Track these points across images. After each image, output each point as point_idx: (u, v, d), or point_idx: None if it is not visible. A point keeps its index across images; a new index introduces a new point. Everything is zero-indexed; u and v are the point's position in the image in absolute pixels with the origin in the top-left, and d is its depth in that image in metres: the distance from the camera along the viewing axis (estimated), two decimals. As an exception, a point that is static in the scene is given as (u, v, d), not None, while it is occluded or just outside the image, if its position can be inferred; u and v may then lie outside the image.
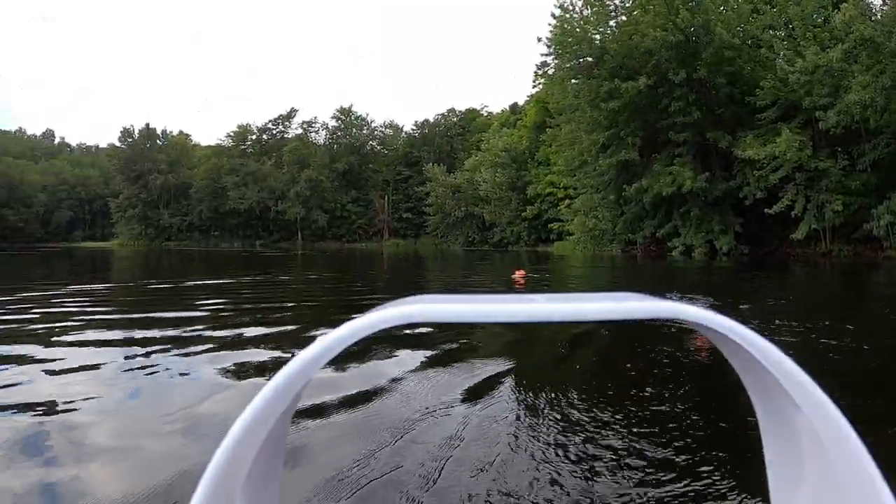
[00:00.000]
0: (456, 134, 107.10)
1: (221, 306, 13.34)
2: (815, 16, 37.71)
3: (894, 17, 32.04)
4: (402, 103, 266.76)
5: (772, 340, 0.58)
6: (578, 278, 25.24)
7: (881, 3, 34.94)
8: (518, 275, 20.88)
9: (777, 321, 9.89)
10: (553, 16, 46.97)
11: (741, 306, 12.19)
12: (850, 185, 35.50)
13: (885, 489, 0.54)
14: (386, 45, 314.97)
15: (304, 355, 0.57)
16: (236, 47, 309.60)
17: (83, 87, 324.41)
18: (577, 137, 49.08)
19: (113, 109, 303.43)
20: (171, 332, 9.27)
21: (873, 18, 33.50)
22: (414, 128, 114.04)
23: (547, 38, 47.93)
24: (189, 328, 9.63)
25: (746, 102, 39.91)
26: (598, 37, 45.35)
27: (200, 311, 12.44)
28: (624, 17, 45.13)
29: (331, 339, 0.57)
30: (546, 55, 50.20)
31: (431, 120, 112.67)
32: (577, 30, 45.78)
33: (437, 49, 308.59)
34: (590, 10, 45.91)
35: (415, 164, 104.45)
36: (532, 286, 18.54)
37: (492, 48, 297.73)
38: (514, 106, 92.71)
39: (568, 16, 46.37)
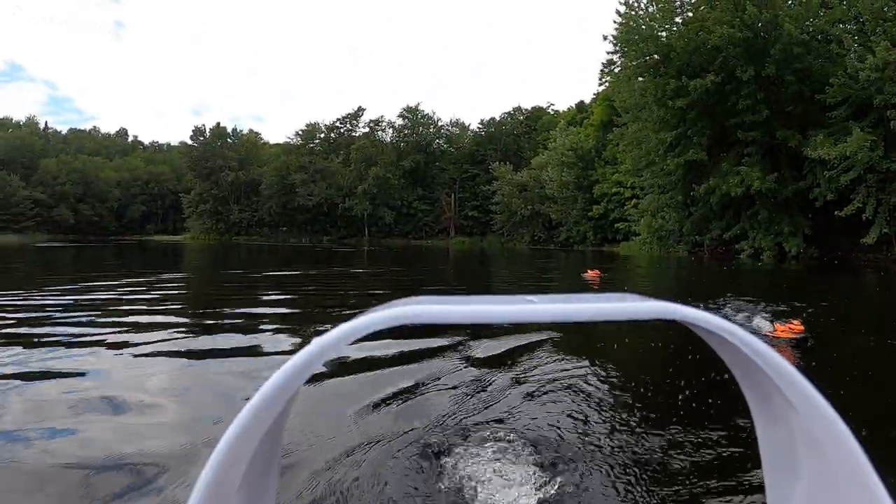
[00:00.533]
0: (522, 132, 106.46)
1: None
2: (885, 9, 36.43)
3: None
4: (468, 101, 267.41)
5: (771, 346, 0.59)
6: (644, 278, 25.31)
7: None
8: (591, 274, 20.95)
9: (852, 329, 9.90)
10: (618, 13, 46.88)
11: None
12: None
13: (879, 487, 0.54)
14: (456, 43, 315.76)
15: (299, 357, 0.56)
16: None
17: (155, 88, 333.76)
18: (645, 136, 48.82)
19: (181, 109, 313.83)
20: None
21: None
22: (480, 126, 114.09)
23: (612, 36, 47.82)
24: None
25: (816, 100, 38.88)
26: (663, 34, 45.05)
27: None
28: (690, 14, 44.75)
29: (325, 341, 0.56)
30: (612, 53, 49.95)
31: (498, 118, 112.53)
32: (643, 27, 45.50)
33: (508, 46, 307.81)
34: (655, 7, 45.67)
35: (481, 162, 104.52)
36: (602, 286, 18.67)
37: (560, 45, 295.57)
38: (580, 104, 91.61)
39: (633, 13, 46.19)
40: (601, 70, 53.95)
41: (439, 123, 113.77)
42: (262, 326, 9.15)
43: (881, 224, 36.02)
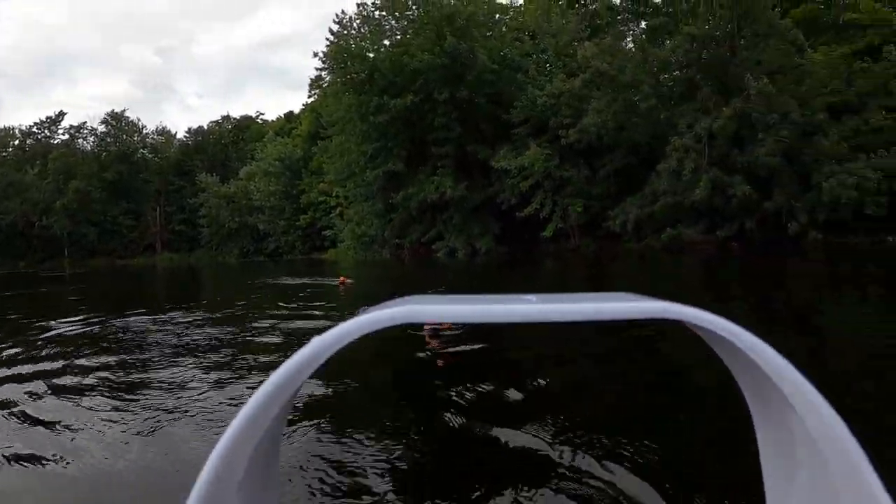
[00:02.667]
0: (231, 141, 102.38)
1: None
2: (573, 44, 42.26)
3: (629, 56, 36.88)
4: (172, 107, 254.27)
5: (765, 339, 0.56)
6: (354, 280, 26.07)
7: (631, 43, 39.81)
8: (343, 281, 22.13)
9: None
10: (331, 31, 48.39)
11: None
12: (591, 191, 40.23)
13: (879, 487, 0.53)
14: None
15: (298, 357, 0.55)
16: None
17: None
18: (348, 148, 50.56)
19: None
20: None
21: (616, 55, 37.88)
22: (187, 135, 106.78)
23: (323, 52, 49.12)
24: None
25: (504, 119, 43.36)
26: (371, 55, 47.01)
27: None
28: (398, 36, 47.45)
29: (324, 341, 0.55)
30: (321, 70, 51.31)
31: (205, 126, 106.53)
32: (353, 46, 47.31)
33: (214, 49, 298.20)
34: (367, 29, 47.83)
35: (188, 173, 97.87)
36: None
37: (271, 54, 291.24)
38: (289, 114, 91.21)
39: (346, 32, 48.01)
40: (310, 84, 54.95)
41: (144, 131, 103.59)
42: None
43: (557, 221, 41.32)
